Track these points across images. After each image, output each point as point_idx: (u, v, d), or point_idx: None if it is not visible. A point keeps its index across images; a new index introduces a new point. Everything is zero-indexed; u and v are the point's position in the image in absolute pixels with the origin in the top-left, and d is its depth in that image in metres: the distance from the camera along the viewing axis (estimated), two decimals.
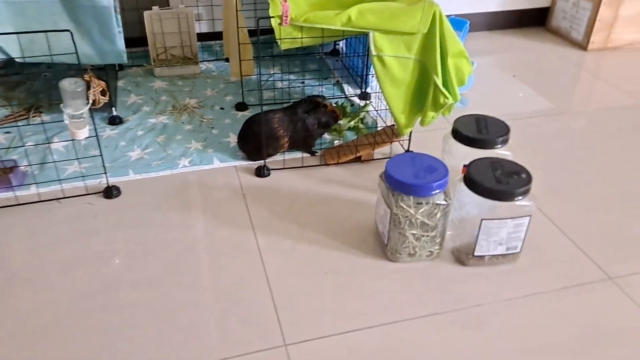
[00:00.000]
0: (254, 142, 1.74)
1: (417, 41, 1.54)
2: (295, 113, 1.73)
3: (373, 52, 1.54)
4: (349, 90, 2.22)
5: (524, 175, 1.35)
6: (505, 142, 1.51)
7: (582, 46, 2.84)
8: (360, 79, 2.22)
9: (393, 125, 1.82)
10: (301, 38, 1.53)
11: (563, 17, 2.97)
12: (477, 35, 2.89)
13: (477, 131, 1.50)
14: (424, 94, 1.60)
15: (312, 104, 1.74)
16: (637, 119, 2.09)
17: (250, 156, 1.78)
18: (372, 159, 1.82)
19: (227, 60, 2.43)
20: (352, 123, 1.94)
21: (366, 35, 1.56)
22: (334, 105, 1.89)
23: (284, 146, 1.76)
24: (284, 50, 2.01)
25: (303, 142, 1.77)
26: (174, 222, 1.55)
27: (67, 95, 1.46)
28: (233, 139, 1.92)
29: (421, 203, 1.30)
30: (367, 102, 2.10)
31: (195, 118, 2.03)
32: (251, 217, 1.57)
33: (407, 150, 1.84)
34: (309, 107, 1.73)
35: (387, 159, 1.54)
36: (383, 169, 1.40)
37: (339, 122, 1.83)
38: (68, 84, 1.45)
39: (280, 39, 1.52)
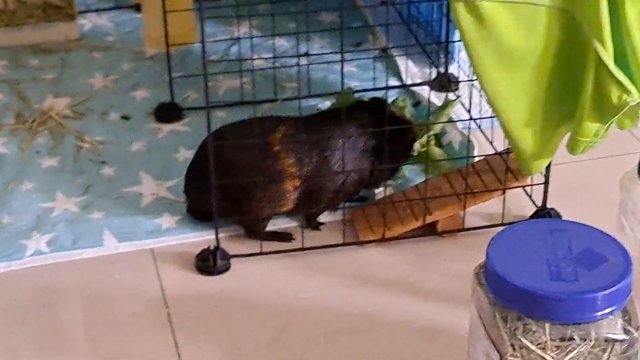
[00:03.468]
0: (225, 190, 1.54)
1: None
2: (334, 123, 1.60)
3: None
4: (410, 70, 2.03)
5: None
6: None
7: None
8: (434, 46, 2.08)
9: (507, 150, 1.65)
10: None
11: None
12: None
13: None
14: (573, 83, 1.47)
15: (375, 106, 1.62)
16: None
17: (204, 215, 1.60)
18: (460, 229, 1.65)
19: (137, 8, 2.27)
20: (418, 145, 1.78)
21: None
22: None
23: (289, 201, 1.60)
24: None
25: (346, 193, 1.61)
26: None
27: None
28: (149, 186, 1.74)
29: (572, 338, 1.16)
30: (453, 98, 1.92)
31: (66, 141, 1.85)
32: None
33: (540, 210, 1.66)
34: (366, 113, 1.61)
35: (494, 231, 1.33)
36: (481, 254, 1.20)
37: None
38: None
39: None
